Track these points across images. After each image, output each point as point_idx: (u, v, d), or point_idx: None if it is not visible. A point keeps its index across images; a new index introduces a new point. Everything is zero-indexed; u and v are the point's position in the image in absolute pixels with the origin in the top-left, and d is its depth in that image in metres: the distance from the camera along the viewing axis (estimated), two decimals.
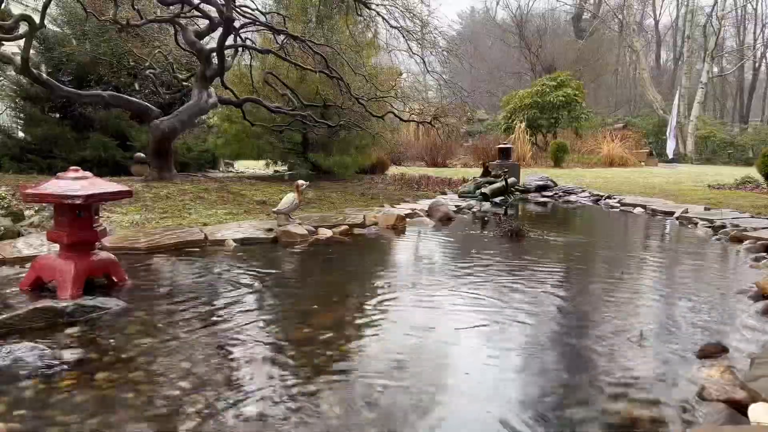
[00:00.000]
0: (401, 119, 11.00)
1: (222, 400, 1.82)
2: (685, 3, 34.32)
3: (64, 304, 2.55)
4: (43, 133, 9.87)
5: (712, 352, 2.27)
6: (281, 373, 2.05)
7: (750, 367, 2.05)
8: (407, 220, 5.70)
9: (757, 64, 40.62)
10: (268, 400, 1.83)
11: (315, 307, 2.87)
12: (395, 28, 8.76)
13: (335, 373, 2.06)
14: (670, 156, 23.63)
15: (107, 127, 10.43)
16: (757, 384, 1.83)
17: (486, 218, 6.50)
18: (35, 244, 3.81)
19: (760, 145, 25.34)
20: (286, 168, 12.28)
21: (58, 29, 10.87)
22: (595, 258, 4.51)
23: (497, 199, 8.08)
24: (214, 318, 2.64)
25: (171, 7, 8.26)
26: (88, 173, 2.99)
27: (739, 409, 1.76)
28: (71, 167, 2.99)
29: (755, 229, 4.96)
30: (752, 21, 39.71)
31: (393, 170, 14.23)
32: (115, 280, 3.11)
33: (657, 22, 45.52)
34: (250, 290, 3.15)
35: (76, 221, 2.93)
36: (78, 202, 2.78)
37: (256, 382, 1.95)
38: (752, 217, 5.93)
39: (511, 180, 8.89)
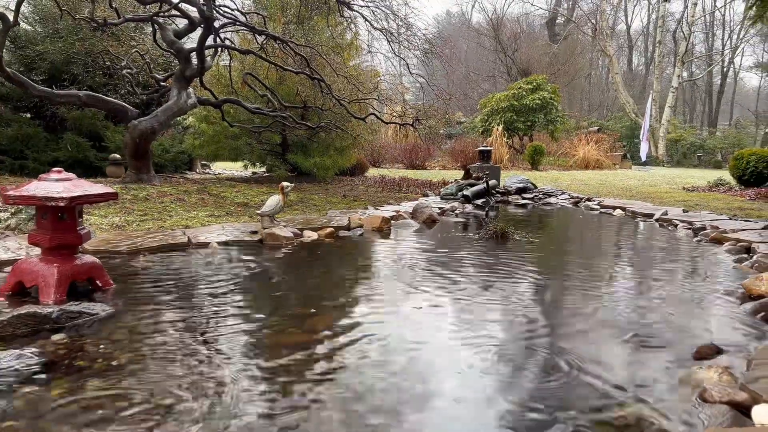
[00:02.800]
0: (383, 121, 10.99)
1: (217, 407, 1.76)
2: (656, 9, 35.05)
3: (49, 309, 2.46)
4: (14, 133, 9.62)
5: (708, 353, 2.28)
6: (276, 378, 2.00)
7: (747, 368, 2.07)
8: (392, 222, 5.68)
9: (725, 70, 41.68)
10: (263, 405, 1.78)
11: (313, 310, 2.82)
12: (378, 29, 8.75)
13: (329, 377, 2.02)
14: (643, 159, 24.09)
15: (81, 128, 10.23)
16: (758, 385, 1.84)
17: (470, 220, 6.51)
18: (12, 248, 3.69)
19: (729, 148, 26.05)
20: (264, 170, 12.17)
21: (29, 27, 10.62)
22: (581, 261, 4.53)
23: (479, 201, 8.10)
24: (204, 323, 2.57)
25: (148, 6, 8.11)
26: (71, 174, 2.90)
27: (740, 410, 1.77)
28: (54, 168, 2.90)
29: (734, 231, 5.05)
30: (720, 27, 40.73)
31: (372, 172, 14.23)
32: (100, 284, 3.02)
33: (629, 27, 46.43)
34: (238, 294, 3.09)
35: (59, 224, 2.83)
36: (61, 204, 2.69)
37: (250, 389, 1.90)
38: (730, 219, 6.04)
39: (492, 182, 8.93)
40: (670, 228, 5.90)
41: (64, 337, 2.32)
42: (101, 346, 2.25)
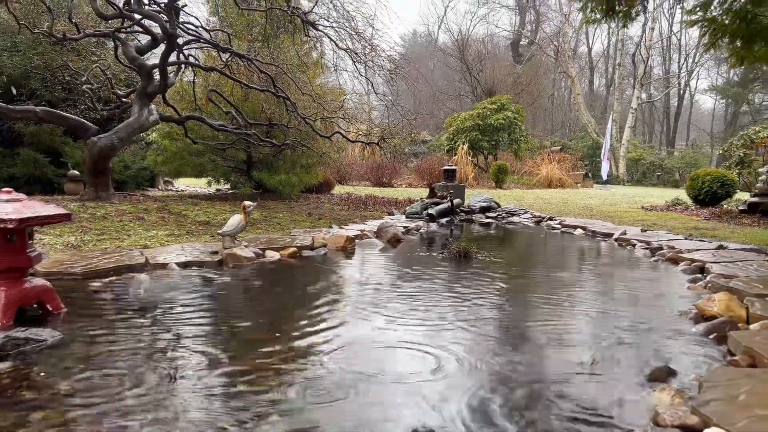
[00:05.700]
0: (349, 140, 11.01)
1: None
2: (615, 32, 36.18)
3: None
4: None
5: (661, 375, 2.31)
6: (234, 405, 1.95)
7: (699, 390, 2.11)
8: (356, 241, 5.66)
9: (681, 92, 43.16)
10: None
11: (277, 334, 2.77)
12: (343, 49, 8.79)
13: (285, 405, 1.98)
14: (604, 178, 24.68)
15: (39, 143, 9.98)
16: (709, 408, 1.88)
17: (434, 239, 6.54)
18: None
19: (686, 168, 26.87)
20: (228, 186, 12.03)
21: None
22: (539, 280, 4.57)
23: (443, 220, 8.16)
24: (159, 348, 2.51)
25: (110, 22, 8.00)
26: (21, 195, 2.81)
27: None
28: (3, 189, 2.81)
29: (689, 251, 5.19)
30: (677, 51, 42.23)
31: (339, 189, 14.21)
32: (50, 308, 2.92)
33: (590, 50, 47.75)
34: (195, 318, 3.02)
35: (8, 246, 2.74)
36: (10, 226, 2.60)
37: (207, 416, 1.85)
38: (686, 238, 6.21)
39: (456, 201, 9.01)
40: (628, 248, 6.03)
41: (9, 366, 2.23)
42: (49, 375, 2.17)
